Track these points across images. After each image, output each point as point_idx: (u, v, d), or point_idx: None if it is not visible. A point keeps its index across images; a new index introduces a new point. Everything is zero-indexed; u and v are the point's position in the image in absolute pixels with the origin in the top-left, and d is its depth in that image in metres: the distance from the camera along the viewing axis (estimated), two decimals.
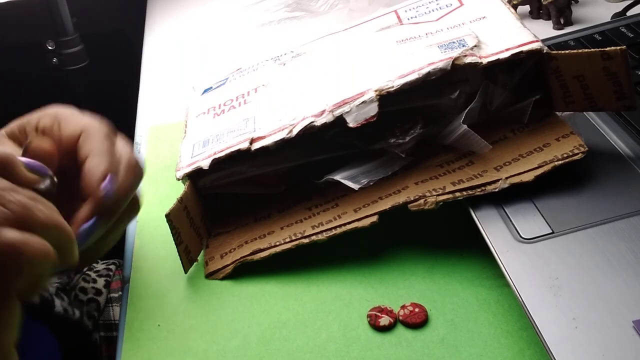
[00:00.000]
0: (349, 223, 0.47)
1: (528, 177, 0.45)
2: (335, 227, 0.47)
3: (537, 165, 0.45)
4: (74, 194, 0.42)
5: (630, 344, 0.35)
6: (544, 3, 0.76)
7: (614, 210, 0.43)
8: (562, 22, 0.75)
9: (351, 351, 0.42)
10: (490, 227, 0.44)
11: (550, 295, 0.39)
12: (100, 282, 0.69)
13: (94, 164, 0.40)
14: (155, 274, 0.51)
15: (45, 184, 0.38)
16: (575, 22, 0.75)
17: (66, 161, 0.42)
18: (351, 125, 0.47)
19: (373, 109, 0.47)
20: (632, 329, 0.36)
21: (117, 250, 0.70)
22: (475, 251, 0.47)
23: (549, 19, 0.77)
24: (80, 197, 0.41)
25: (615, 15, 0.72)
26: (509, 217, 0.44)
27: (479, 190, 0.45)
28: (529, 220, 0.44)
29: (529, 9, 0.79)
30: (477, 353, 0.41)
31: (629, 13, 0.71)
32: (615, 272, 0.39)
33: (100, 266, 0.70)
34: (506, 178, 0.45)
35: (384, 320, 0.43)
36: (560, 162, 0.45)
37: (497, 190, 0.45)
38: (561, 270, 0.40)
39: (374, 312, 0.44)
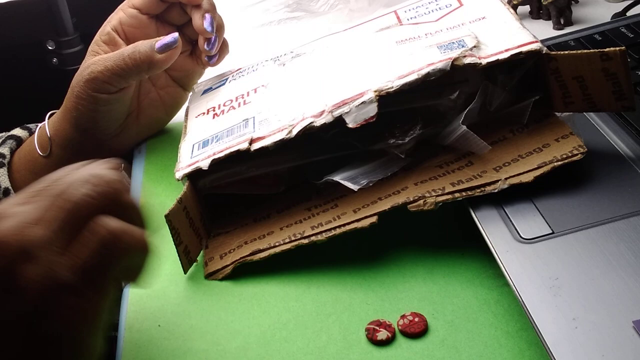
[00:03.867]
0: (348, 224, 0.47)
1: (527, 177, 0.45)
2: (334, 228, 0.47)
3: (536, 166, 0.45)
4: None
5: (630, 344, 0.35)
6: (544, 3, 0.76)
7: (614, 210, 0.43)
8: (562, 22, 0.75)
9: (351, 354, 0.42)
10: (490, 227, 0.44)
11: (550, 296, 0.39)
12: None
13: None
14: (155, 274, 0.51)
15: None
16: (575, 22, 0.75)
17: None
18: (350, 125, 0.47)
19: (372, 110, 0.47)
20: (632, 329, 0.36)
21: None
22: (475, 252, 0.47)
23: (549, 19, 0.77)
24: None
25: (615, 15, 0.72)
26: (509, 218, 0.44)
27: (478, 190, 0.45)
28: (529, 220, 0.44)
29: (529, 9, 0.79)
30: (477, 354, 0.41)
31: (629, 13, 0.71)
32: (615, 272, 0.39)
33: None
34: (505, 179, 0.45)
35: (382, 334, 0.43)
36: (559, 162, 0.45)
37: (496, 191, 0.45)
38: (561, 270, 0.40)
39: (372, 326, 0.43)
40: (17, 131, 0.67)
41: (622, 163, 0.47)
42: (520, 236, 0.43)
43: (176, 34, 0.58)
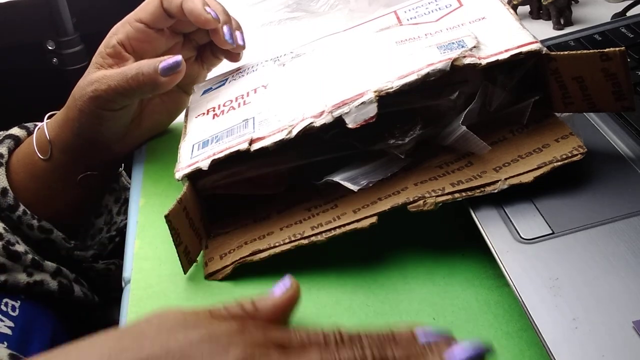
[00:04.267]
0: (348, 224, 0.47)
1: (527, 178, 0.45)
2: (334, 228, 0.47)
3: (536, 167, 0.45)
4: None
5: (630, 344, 0.35)
6: (544, 3, 0.76)
7: (614, 211, 0.43)
8: (562, 23, 0.75)
9: None
10: (491, 227, 0.44)
11: (550, 296, 0.39)
12: (99, 281, 0.70)
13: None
14: (155, 274, 0.51)
15: None
16: (575, 22, 0.75)
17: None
18: (350, 126, 0.47)
19: (372, 110, 0.47)
20: (632, 329, 0.36)
21: (118, 251, 0.71)
22: (475, 252, 0.47)
23: (549, 19, 0.77)
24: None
25: (615, 15, 0.72)
26: (509, 218, 0.44)
27: (478, 191, 0.45)
28: (529, 220, 0.44)
29: (529, 9, 0.79)
30: None
31: (629, 13, 0.71)
32: (615, 272, 0.39)
33: (100, 266, 0.70)
34: (505, 179, 0.45)
35: None
36: (559, 163, 0.45)
37: (496, 191, 0.45)
38: (561, 270, 0.40)
39: None
40: (16, 130, 0.67)
41: (622, 163, 0.47)
42: (520, 236, 0.43)
43: (179, 57, 0.57)
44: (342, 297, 0.46)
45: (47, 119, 0.65)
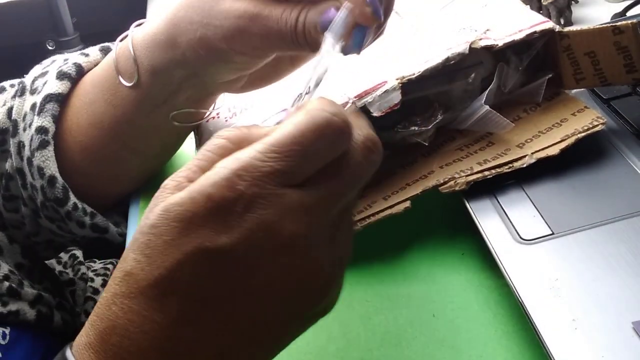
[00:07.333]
0: (382, 211, 0.47)
1: (553, 151, 0.45)
2: (368, 217, 0.47)
3: (559, 139, 0.46)
4: None
5: (630, 344, 0.35)
6: (544, 3, 0.76)
7: (614, 211, 0.43)
8: (562, 23, 0.75)
9: (351, 352, 0.42)
10: (491, 228, 0.44)
11: (550, 296, 0.39)
12: (98, 281, 0.69)
13: None
14: None
15: None
16: (575, 22, 0.75)
17: None
18: (375, 114, 0.47)
19: (396, 97, 0.47)
20: (632, 330, 0.36)
21: (116, 250, 0.70)
22: (475, 252, 0.47)
23: (549, 19, 0.77)
24: None
25: (615, 15, 0.72)
26: (509, 218, 0.44)
27: (506, 167, 0.46)
28: (529, 221, 0.44)
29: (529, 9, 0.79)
30: (477, 354, 0.41)
31: (629, 13, 0.71)
32: (615, 273, 0.39)
33: (97, 265, 0.70)
34: (532, 153, 0.46)
35: None
36: (582, 134, 0.46)
37: (524, 165, 0.45)
38: (561, 271, 0.40)
39: None
40: (54, 84, 0.55)
41: (622, 163, 0.47)
42: (520, 237, 0.43)
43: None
44: (342, 293, 0.46)
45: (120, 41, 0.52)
